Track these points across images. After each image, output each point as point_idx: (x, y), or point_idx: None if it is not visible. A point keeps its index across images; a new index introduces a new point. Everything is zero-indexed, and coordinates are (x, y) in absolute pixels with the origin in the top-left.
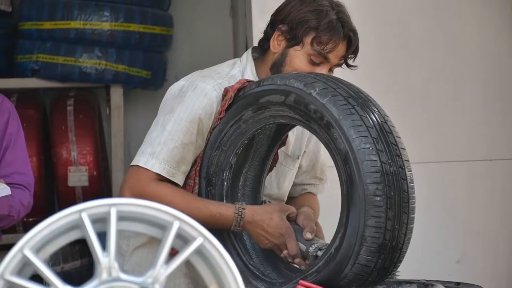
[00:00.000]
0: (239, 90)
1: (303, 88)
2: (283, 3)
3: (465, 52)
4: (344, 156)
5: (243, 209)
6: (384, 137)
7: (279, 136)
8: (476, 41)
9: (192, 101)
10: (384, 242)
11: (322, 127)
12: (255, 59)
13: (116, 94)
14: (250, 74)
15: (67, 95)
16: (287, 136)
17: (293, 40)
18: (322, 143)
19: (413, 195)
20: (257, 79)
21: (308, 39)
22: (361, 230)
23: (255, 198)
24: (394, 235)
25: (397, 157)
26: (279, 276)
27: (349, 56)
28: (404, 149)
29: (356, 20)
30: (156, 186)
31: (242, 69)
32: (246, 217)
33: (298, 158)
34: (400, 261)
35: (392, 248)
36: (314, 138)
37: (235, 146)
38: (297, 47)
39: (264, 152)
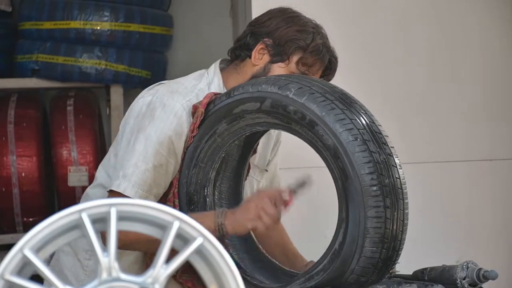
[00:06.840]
0: (208, 104)
1: (278, 91)
2: (264, 15)
3: (466, 51)
4: (333, 151)
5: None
6: (368, 127)
7: (250, 144)
8: (477, 41)
9: (162, 122)
10: (386, 231)
11: (305, 127)
12: (222, 70)
13: (116, 94)
14: (217, 87)
15: (67, 95)
16: (258, 143)
17: (279, 56)
18: (307, 142)
19: (404, 180)
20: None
21: (294, 58)
22: (362, 222)
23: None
24: (394, 223)
25: (384, 145)
26: (276, 281)
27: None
28: (388, 136)
29: (356, 19)
30: None
31: (209, 82)
32: (228, 213)
33: (266, 170)
34: (401, 249)
35: (393, 236)
36: (276, 151)
37: (213, 160)
38: (282, 64)
39: (235, 163)
